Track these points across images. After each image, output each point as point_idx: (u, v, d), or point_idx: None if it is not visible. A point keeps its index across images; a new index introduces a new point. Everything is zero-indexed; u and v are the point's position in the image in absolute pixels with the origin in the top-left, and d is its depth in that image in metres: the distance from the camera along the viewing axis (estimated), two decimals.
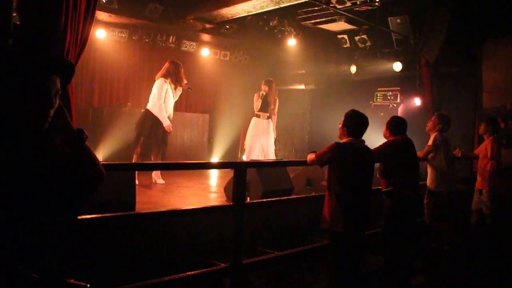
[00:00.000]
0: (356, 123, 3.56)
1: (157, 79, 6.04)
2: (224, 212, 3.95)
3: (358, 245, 3.61)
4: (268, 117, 7.18)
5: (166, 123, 6.00)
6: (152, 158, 6.09)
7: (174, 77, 6.04)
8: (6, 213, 1.42)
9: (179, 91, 6.21)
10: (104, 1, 6.66)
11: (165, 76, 6.03)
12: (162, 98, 5.93)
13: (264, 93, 7.01)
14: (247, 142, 7.13)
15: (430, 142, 5.21)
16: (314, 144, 9.13)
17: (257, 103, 7.03)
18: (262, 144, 7.09)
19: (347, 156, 3.47)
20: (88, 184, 1.63)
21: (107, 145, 7.51)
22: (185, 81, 6.14)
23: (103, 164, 1.68)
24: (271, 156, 7.18)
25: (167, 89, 5.98)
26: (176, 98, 6.22)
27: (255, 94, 7.12)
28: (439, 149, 5.17)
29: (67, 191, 1.59)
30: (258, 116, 7.15)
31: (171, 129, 6.10)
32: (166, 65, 6.11)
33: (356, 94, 9.87)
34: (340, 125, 3.61)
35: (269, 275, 4.19)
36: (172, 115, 6.17)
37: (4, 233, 1.42)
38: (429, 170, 5.28)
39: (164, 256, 3.61)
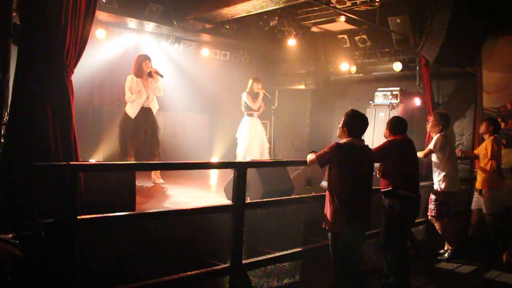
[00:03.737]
0: (356, 123, 3.57)
1: None
2: (224, 212, 3.94)
3: (359, 244, 3.61)
4: (258, 116, 7.18)
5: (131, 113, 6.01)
6: (154, 158, 6.08)
7: (135, 70, 6.07)
8: None
9: (154, 81, 6.11)
10: (104, 1, 6.65)
11: (133, 72, 6.07)
12: (127, 94, 5.95)
13: (264, 92, 6.98)
14: (243, 142, 7.06)
15: (431, 145, 5.19)
16: (314, 144, 9.12)
17: (256, 103, 6.99)
18: (258, 143, 7.07)
19: (347, 156, 3.47)
20: None
21: (107, 145, 7.51)
22: (149, 69, 6.06)
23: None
24: (266, 154, 7.16)
25: (135, 85, 5.96)
26: (155, 89, 6.12)
27: (246, 94, 7.01)
28: (443, 151, 5.14)
29: None
30: (251, 115, 7.11)
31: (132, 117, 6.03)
32: None
33: (356, 94, 9.87)
34: (340, 125, 3.62)
35: (269, 275, 4.18)
36: (153, 108, 6.14)
37: None
38: (434, 171, 5.26)
39: (164, 256, 3.61)
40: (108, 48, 8.27)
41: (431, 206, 5.24)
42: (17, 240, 1.93)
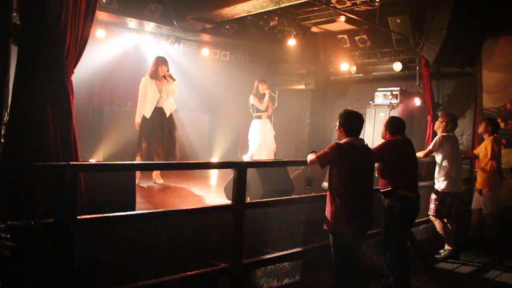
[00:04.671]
0: (350, 122, 3.57)
1: None
2: (224, 212, 3.95)
3: (359, 245, 3.61)
4: (267, 116, 7.17)
5: (136, 119, 6.19)
6: (155, 158, 6.10)
7: (151, 72, 6.18)
8: None
9: (167, 83, 6.18)
10: (104, 1, 6.65)
11: (148, 73, 6.20)
12: (140, 96, 6.14)
13: (269, 92, 6.97)
14: (255, 145, 7.04)
15: (431, 145, 5.19)
16: (314, 144, 9.12)
17: (263, 104, 6.97)
18: (268, 145, 7.07)
19: (347, 156, 3.47)
20: None
21: (107, 145, 7.51)
22: (164, 72, 6.14)
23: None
24: (271, 155, 7.17)
25: (149, 86, 6.09)
26: (167, 91, 6.18)
27: (252, 96, 7.03)
28: (441, 150, 5.13)
29: None
30: (260, 117, 7.10)
31: (137, 127, 6.20)
32: None
33: (356, 94, 9.87)
34: (337, 127, 3.61)
35: (269, 275, 4.19)
36: (165, 108, 6.20)
37: None
38: (436, 170, 5.26)
39: (164, 256, 3.61)
40: (108, 48, 8.27)
41: (431, 205, 5.26)
42: (8, 235, 1.92)
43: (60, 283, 2.77)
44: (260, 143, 6.98)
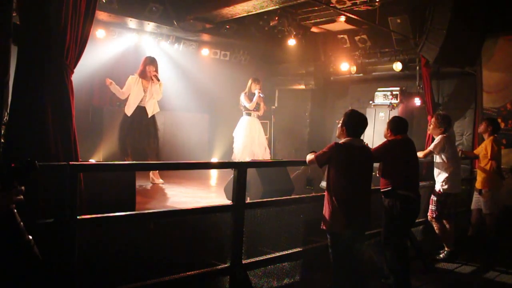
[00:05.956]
0: (355, 123, 3.57)
1: None
2: (224, 212, 3.95)
3: (358, 245, 3.61)
4: (258, 116, 7.15)
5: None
6: (148, 158, 6.08)
7: (139, 71, 6.21)
8: None
9: (154, 84, 6.16)
10: (104, 1, 6.66)
11: (137, 72, 6.22)
12: (126, 89, 6.15)
13: (259, 91, 6.94)
14: (240, 141, 7.03)
15: (432, 146, 5.18)
16: (314, 144, 9.12)
17: (252, 104, 6.96)
18: (255, 143, 7.05)
19: (346, 156, 3.47)
20: None
21: (107, 145, 7.51)
22: (152, 73, 6.12)
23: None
24: (266, 155, 7.15)
25: (135, 84, 6.12)
26: (152, 92, 6.15)
27: (243, 94, 7.02)
28: (443, 152, 5.13)
29: None
30: (249, 115, 7.09)
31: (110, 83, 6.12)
32: None
33: (356, 94, 9.88)
34: (340, 125, 3.62)
35: (269, 275, 4.19)
36: (149, 110, 6.17)
37: None
38: (436, 171, 5.25)
39: (164, 256, 3.61)
40: (108, 48, 8.27)
41: (432, 207, 5.24)
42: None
43: (60, 283, 2.77)
44: (245, 142, 6.96)
